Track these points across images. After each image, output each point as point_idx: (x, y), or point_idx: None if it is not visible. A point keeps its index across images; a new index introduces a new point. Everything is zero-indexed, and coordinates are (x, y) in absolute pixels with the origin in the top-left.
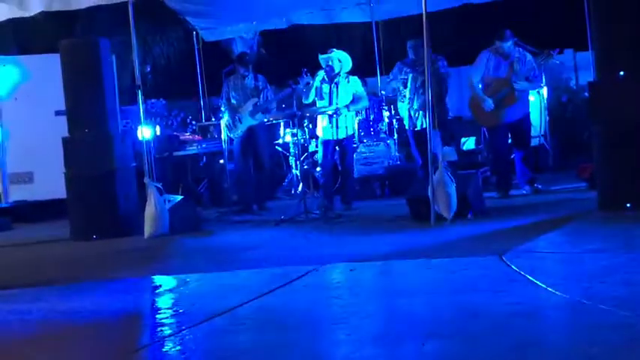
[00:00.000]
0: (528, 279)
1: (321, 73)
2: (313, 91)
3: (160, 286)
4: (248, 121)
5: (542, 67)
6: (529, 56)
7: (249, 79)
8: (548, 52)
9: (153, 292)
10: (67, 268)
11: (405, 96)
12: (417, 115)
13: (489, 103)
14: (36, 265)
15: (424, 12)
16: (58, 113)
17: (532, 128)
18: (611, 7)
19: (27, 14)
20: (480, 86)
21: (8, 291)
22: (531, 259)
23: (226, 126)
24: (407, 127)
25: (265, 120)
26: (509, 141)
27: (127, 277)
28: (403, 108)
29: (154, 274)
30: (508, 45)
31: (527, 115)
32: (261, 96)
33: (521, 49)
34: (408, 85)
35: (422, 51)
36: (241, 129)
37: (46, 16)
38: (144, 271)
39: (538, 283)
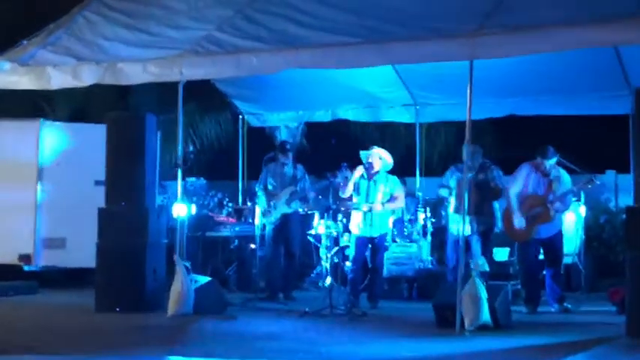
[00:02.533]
0: None
1: (360, 169)
2: (351, 185)
3: None
4: (282, 209)
5: (582, 190)
6: (568, 178)
7: (288, 167)
8: (591, 179)
9: None
10: (85, 340)
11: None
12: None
13: (521, 222)
14: (54, 334)
15: (468, 119)
16: (97, 183)
17: (566, 246)
18: None
19: (80, 85)
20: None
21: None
22: None
23: (261, 212)
24: (450, 231)
25: (300, 210)
26: (541, 257)
27: (144, 355)
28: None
29: (171, 355)
30: (551, 163)
31: (560, 232)
32: (299, 185)
33: (560, 169)
34: (454, 190)
35: (478, 157)
36: (275, 216)
37: (99, 86)
38: (161, 351)
39: None
